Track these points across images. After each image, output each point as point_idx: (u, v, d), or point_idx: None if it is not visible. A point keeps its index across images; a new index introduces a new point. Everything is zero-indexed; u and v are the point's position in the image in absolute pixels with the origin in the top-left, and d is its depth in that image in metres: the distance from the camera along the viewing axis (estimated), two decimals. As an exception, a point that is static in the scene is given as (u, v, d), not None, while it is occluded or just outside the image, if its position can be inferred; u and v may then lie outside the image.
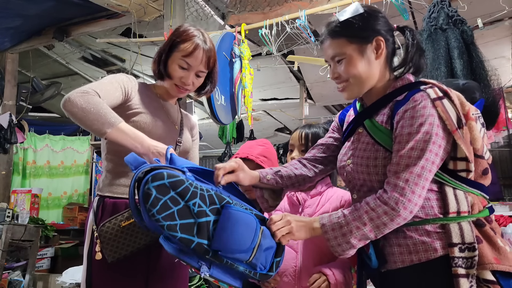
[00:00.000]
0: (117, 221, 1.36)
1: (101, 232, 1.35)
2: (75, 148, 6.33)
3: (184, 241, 1.03)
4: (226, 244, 1.05)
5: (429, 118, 1.09)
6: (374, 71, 1.20)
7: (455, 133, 1.09)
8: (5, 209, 3.98)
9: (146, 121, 1.45)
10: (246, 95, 3.38)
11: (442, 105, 1.10)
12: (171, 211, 1.04)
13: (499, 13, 3.35)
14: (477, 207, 1.13)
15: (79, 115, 1.29)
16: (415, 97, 1.13)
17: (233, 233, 1.06)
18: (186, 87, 1.51)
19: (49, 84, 5.50)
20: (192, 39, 1.46)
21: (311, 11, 3.29)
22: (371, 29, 1.19)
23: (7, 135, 4.65)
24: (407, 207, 1.06)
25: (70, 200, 6.12)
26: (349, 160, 1.25)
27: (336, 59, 1.21)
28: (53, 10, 4.03)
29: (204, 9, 3.95)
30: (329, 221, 1.13)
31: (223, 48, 3.30)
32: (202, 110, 5.99)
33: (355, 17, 1.19)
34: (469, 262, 1.05)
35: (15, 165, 5.60)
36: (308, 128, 1.61)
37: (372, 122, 1.21)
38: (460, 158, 1.11)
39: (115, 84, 1.42)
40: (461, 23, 2.41)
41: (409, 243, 1.11)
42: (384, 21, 1.22)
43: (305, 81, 5.91)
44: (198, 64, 1.48)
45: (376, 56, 1.19)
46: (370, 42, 1.18)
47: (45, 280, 4.02)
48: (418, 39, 1.23)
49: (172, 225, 1.02)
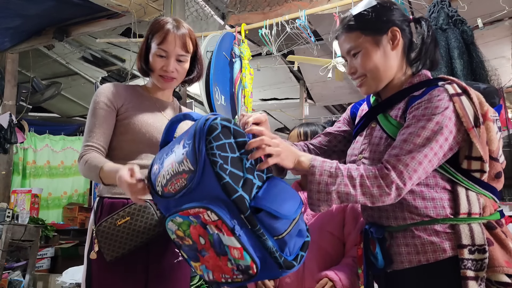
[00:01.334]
0: (113, 220, 1.37)
1: (98, 231, 1.36)
2: (75, 148, 6.32)
3: (229, 187, 0.98)
4: (271, 202, 1.00)
5: (443, 110, 1.07)
6: (391, 62, 1.18)
7: (471, 131, 1.07)
8: (5, 209, 3.98)
9: (137, 123, 1.46)
10: (246, 95, 3.38)
11: (460, 101, 1.08)
12: (226, 155, 1.01)
13: (499, 13, 3.35)
14: (489, 209, 1.11)
15: (87, 177, 1.44)
16: (432, 92, 1.11)
17: (281, 194, 1.04)
18: (171, 75, 1.50)
19: (49, 84, 5.50)
20: (163, 27, 1.48)
21: (311, 11, 3.29)
22: (385, 20, 1.17)
23: (7, 135, 4.65)
24: (399, 189, 1.03)
25: (70, 200, 6.12)
26: (361, 155, 1.21)
27: (352, 52, 1.20)
28: (53, 10, 4.03)
29: (204, 9, 3.95)
30: (321, 166, 1.07)
31: (223, 48, 3.30)
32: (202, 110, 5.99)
33: (368, 9, 1.18)
34: (479, 264, 1.03)
35: (15, 165, 5.60)
36: (307, 126, 1.61)
37: (386, 116, 1.19)
38: (475, 157, 1.09)
39: (104, 108, 1.46)
40: (461, 23, 2.41)
41: (417, 243, 1.09)
42: (399, 11, 1.20)
43: (305, 81, 5.91)
44: (174, 48, 1.46)
45: (392, 47, 1.17)
46: (385, 33, 1.17)
47: (45, 280, 4.02)
48: (433, 31, 1.21)
49: (224, 167, 1.00)
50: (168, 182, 1.08)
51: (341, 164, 1.09)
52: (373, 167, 1.07)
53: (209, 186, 1.00)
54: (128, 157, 1.45)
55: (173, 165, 1.06)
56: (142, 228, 1.37)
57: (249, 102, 3.40)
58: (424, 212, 1.09)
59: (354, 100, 6.93)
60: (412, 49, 1.21)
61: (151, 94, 1.58)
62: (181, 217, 1.06)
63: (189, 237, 1.08)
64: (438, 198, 1.10)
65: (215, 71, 3.17)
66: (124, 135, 1.47)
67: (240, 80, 3.40)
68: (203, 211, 0.99)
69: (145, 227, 1.38)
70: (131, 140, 1.46)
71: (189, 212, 1.03)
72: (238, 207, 0.98)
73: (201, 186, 1.02)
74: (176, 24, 1.49)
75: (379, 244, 1.14)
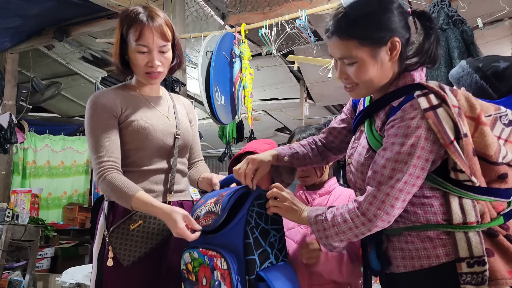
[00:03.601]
0: (126, 225, 1.36)
1: (111, 238, 1.35)
2: (75, 148, 6.32)
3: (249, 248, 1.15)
4: (275, 279, 1.14)
5: (415, 131, 1.00)
6: (387, 72, 1.10)
7: (448, 147, 0.99)
8: (5, 209, 3.98)
9: (141, 129, 1.41)
10: (246, 95, 3.38)
11: (434, 115, 0.99)
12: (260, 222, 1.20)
13: (499, 13, 3.35)
14: (488, 215, 1.03)
15: (111, 197, 1.39)
16: (405, 107, 1.04)
17: (285, 278, 1.17)
18: (157, 70, 1.41)
19: (49, 84, 5.50)
20: (137, 19, 1.36)
21: (311, 11, 3.29)
22: (385, 28, 1.04)
23: (7, 135, 4.64)
24: (385, 219, 1.04)
25: (70, 200, 6.12)
26: (349, 159, 1.23)
27: (346, 62, 1.09)
28: (53, 10, 4.03)
29: (204, 9, 3.95)
30: (314, 221, 1.13)
31: (223, 48, 3.30)
32: (202, 110, 5.98)
33: (367, 13, 1.04)
34: (480, 278, 0.97)
35: (15, 165, 5.60)
36: (304, 132, 1.59)
37: (371, 124, 1.16)
38: (460, 170, 1.02)
39: (109, 124, 1.39)
40: (461, 23, 2.41)
41: (411, 248, 1.07)
42: (400, 12, 1.07)
43: (305, 81, 5.91)
44: (153, 42, 1.37)
45: (390, 58, 1.07)
46: (384, 44, 1.05)
47: (45, 280, 4.02)
48: (436, 26, 1.11)
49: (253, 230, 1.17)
50: (203, 216, 1.23)
51: (328, 211, 1.12)
52: (353, 205, 1.08)
53: (234, 238, 1.14)
54: (137, 164, 1.43)
55: (211, 204, 1.22)
56: (156, 230, 1.37)
57: (249, 102, 3.40)
58: (414, 217, 1.07)
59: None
60: (408, 46, 1.11)
61: (141, 93, 1.50)
62: (199, 254, 1.19)
63: (195, 274, 1.20)
64: (428, 204, 1.06)
65: (215, 71, 3.17)
66: (130, 144, 1.42)
67: (240, 80, 3.40)
68: (218, 256, 1.12)
69: (158, 228, 1.38)
70: (138, 148, 1.42)
71: (207, 252, 1.16)
72: (248, 268, 1.11)
73: (227, 235, 1.16)
74: (149, 14, 1.38)
75: (374, 247, 1.14)
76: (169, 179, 1.46)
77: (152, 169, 1.44)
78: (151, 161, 1.44)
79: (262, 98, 6.60)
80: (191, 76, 4.89)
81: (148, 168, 1.43)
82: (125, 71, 1.47)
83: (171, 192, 1.45)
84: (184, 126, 1.53)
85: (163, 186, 1.45)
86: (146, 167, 1.43)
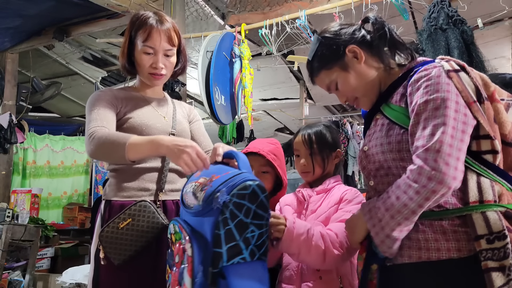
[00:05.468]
0: (115, 224, 1.36)
1: (101, 237, 1.35)
2: (75, 148, 6.32)
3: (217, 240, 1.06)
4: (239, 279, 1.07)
5: (445, 86, 1.02)
6: (368, 73, 1.19)
7: (472, 105, 1.00)
8: (5, 209, 3.98)
9: (137, 127, 1.44)
10: (246, 95, 3.38)
11: (457, 76, 1.04)
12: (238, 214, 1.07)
13: (499, 13, 3.35)
14: (506, 198, 1.00)
15: (100, 155, 1.34)
16: (427, 67, 1.07)
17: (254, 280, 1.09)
18: (160, 72, 1.48)
19: (49, 84, 5.50)
20: (146, 22, 1.44)
21: (311, 11, 3.29)
22: (337, 46, 1.19)
23: (7, 135, 4.64)
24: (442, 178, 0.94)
25: (70, 200, 6.12)
26: (365, 146, 1.19)
27: (332, 87, 1.24)
28: (53, 10, 4.03)
29: (204, 9, 3.96)
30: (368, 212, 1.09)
31: (223, 48, 3.30)
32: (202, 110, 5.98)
33: (318, 48, 1.22)
34: (502, 253, 0.92)
35: (15, 165, 5.60)
36: (310, 128, 1.57)
37: (388, 104, 1.16)
38: (483, 135, 1.01)
39: (108, 106, 1.42)
40: (461, 23, 2.41)
41: (421, 238, 1.02)
42: (343, 29, 1.22)
43: (305, 81, 5.91)
44: (160, 44, 1.44)
45: (359, 61, 1.19)
46: (344, 56, 1.19)
47: (45, 280, 4.02)
48: (381, 24, 1.19)
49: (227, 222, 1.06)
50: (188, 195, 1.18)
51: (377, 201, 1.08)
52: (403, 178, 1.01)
53: (205, 226, 1.07)
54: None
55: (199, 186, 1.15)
56: (146, 227, 1.37)
57: (249, 102, 3.40)
58: None
59: (354, 100, 6.92)
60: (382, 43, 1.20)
61: (142, 94, 1.56)
62: (178, 229, 1.14)
63: (174, 246, 1.16)
64: None
65: (215, 71, 3.17)
66: None
67: (240, 80, 3.40)
68: (188, 241, 1.07)
69: (148, 226, 1.37)
70: None
71: (183, 231, 1.11)
72: (213, 260, 1.04)
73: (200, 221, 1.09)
74: (159, 19, 1.46)
75: None
76: (161, 178, 1.47)
77: (145, 167, 1.45)
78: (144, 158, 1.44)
79: (262, 98, 6.61)
80: (191, 76, 4.89)
81: (141, 166, 1.44)
82: (131, 71, 1.52)
83: (162, 190, 1.45)
84: (181, 127, 1.56)
85: (155, 184, 1.46)
86: (139, 164, 1.44)
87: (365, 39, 1.21)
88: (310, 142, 1.53)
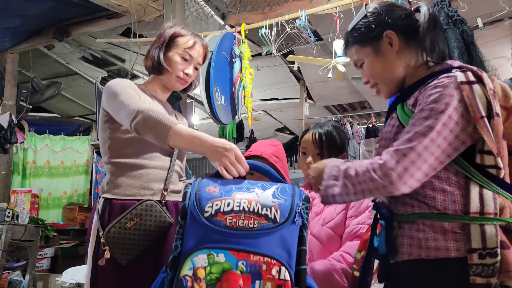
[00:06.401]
0: (122, 224, 1.34)
1: (108, 238, 1.33)
2: (75, 148, 6.33)
3: (303, 256, 1.05)
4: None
5: (446, 98, 1.01)
6: (396, 64, 1.18)
7: (478, 121, 0.99)
8: (5, 209, 3.98)
9: None
10: (246, 95, 3.38)
11: (469, 89, 1.01)
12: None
13: (499, 13, 3.35)
14: (508, 210, 1.01)
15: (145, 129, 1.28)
16: (441, 77, 1.07)
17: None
18: (188, 79, 1.57)
19: (49, 84, 5.51)
20: (189, 34, 1.57)
21: (311, 11, 3.29)
22: (377, 27, 1.18)
23: (7, 135, 4.65)
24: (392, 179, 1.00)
25: (70, 200, 6.12)
26: (377, 144, 1.21)
27: (358, 64, 1.25)
28: (53, 10, 4.03)
29: (204, 9, 3.96)
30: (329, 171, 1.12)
31: (223, 48, 3.30)
32: (202, 110, 5.99)
33: (360, 22, 1.21)
34: (490, 270, 0.95)
35: (15, 165, 5.60)
36: (320, 128, 1.55)
37: (403, 105, 1.17)
38: (487, 151, 1.01)
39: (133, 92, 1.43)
40: (461, 23, 2.41)
41: (421, 237, 1.04)
42: (392, 10, 1.19)
43: (305, 81, 5.92)
44: (198, 57, 1.57)
45: (392, 50, 1.17)
46: (380, 39, 1.17)
47: (45, 280, 4.02)
48: (433, 17, 1.16)
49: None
50: (233, 214, 1.00)
51: (346, 164, 1.10)
52: (369, 161, 1.06)
53: (286, 243, 0.99)
54: (138, 155, 1.43)
55: (252, 203, 1.02)
56: (153, 227, 1.37)
57: (249, 102, 3.40)
58: (432, 203, 1.05)
59: (354, 100, 6.93)
60: (424, 38, 1.16)
61: (153, 93, 1.57)
62: (228, 257, 0.95)
63: (209, 284, 0.94)
64: (450, 192, 1.03)
65: (215, 71, 3.17)
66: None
67: (240, 80, 3.40)
68: (275, 264, 0.94)
69: (155, 225, 1.37)
70: (143, 139, 1.39)
71: (249, 257, 0.94)
72: (300, 279, 0.99)
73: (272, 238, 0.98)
74: (199, 35, 1.60)
75: (385, 229, 1.11)
76: (167, 177, 1.47)
77: (150, 165, 1.45)
78: (152, 155, 1.45)
79: (262, 98, 6.61)
80: (191, 76, 4.89)
81: (147, 163, 1.44)
82: (156, 68, 1.54)
83: (166, 190, 1.45)
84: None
85: (160, 184, 1.46)
86: (146, 161, 1.44)
87: (409, 28, 1.17)
88: (320, 142, 1.53)
